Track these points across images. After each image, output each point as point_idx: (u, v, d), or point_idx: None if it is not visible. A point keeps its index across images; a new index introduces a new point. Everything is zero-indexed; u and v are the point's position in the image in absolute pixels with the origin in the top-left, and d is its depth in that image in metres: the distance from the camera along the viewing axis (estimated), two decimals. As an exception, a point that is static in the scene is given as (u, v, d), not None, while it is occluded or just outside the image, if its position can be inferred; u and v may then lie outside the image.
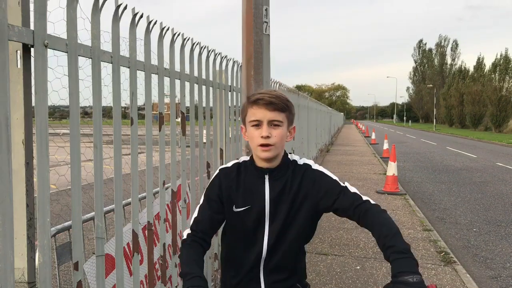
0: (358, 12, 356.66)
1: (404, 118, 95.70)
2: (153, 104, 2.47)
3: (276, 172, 1.66)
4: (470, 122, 57.13)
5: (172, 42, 2.66)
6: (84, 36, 1.81)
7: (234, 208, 1.67)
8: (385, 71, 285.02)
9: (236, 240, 1.72)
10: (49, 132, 1.61)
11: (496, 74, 52.49)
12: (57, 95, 1.74)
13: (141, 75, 2.31)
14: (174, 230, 2.82)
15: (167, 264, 2.73)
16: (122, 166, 2.14)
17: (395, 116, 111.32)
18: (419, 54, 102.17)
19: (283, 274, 1.70)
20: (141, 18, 2.21)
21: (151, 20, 2.32)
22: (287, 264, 1.70)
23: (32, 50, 1.53)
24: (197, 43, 3.03)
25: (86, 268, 1.99)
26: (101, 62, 1.93)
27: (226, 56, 3.70)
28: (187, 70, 2.93)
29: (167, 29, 2.56)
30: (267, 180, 1.66)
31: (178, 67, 2.78)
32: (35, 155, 1.56)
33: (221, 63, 3.61)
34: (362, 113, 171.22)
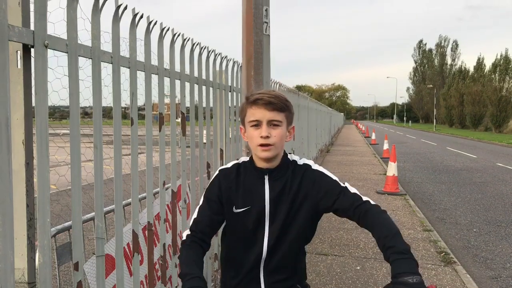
0: (358, 12, 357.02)
1: (404, 119, 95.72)
2: (153, 104, 2.47)
3: (275, 173, 1.66)
4: (470, 123, 57.14)
5: (172, 42, 2.66)
6: (84, 37, 1.81)
7: (234, 209, 1.67)
8: (385, 71, 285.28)
9: (236, 240, 1.72)
10: (49, 133, 1.61)
11: (496, 74, 52.52)
12: (57, 95, 1.74)
13: (141, 75, 2.31)
14: (174, 230, 2.82)
15: (167, 265, 2.73)
16: (122, 166, 2.14)
17: (395, 116, 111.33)
18: (419, 54, 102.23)
19: (283, 274, 1.70)
20: (141, 19, 2.21)
21: (151, 21, 2.32)
22: (287, 264, 1.70)
23: (32, 50, 1.53)
24: (197, 44, 3.03)
25: (86, 268, 1.99)
26: (101, 63, 1.94)
27: (226, 56, 3.70)
28: (187, 70, 2.93)
29: (167, 29, 2.56)
30: (266, 180, 1.66)
31: (178, 68, 2.78)
32: (35, 155, 1.56)
33: (221, 63, 3.61)
34: (362, 113, 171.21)
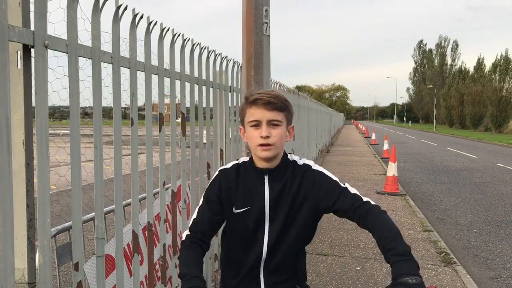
0: (358, 12, 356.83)
1: (404, 119, 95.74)
2: (153, 104, 2.47)
3: (275, 173, 1.66)
4: (470, 123, 57.15)
5: (173, 42, 2.66)
6: (84, 37, 1.81)
7: (234, 209, 1.67)
8: (385, 71, 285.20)
9: (236, 241, 1.71)
10: (49, 133, 1.61)
11: (496, 74, 52.53)
12: (57, 95, 1.74)
13: (141, 75, 2.31)
14: (174, 230, 2.82)
15: (167, 265, 2.73)
16: (122, 166, 2.14)
17: (395, 116, 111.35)
18: (419, 54, 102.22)
19: (283, 275, 1.70)
20: (141, 19, 2.21)
21: (151, 21, 2.32)
22: (287, 265, 1.70)
23: (32, 50, 1.53)
24: (197, 44, 3.03)
25: (86, 268, 1.99)
26: (101, 63, 1.94)
27: (226, 56, 3.70)
28: (187, 70, 2.93)
29: (167, 29, 2.56)
30: (266, 180, 1.66)
31: (178, 68, 2.79)
32: (35, 155, 1.56)
33: (221, 63, 3.61)
34: (362, 113, 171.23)
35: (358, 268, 4.87)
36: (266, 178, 1.66)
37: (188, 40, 2.88)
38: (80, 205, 1.77)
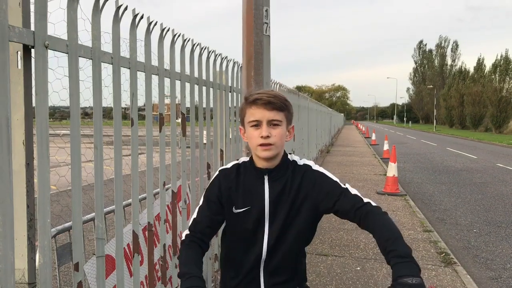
0: (358, 12, 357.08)
1: (404, 119, 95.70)
2: (153, 105, 2.47)
3: (275, 173, 1.66)
4: (470, 123, 57.14)
5: (173, 43, 2.66)
6: (84, 37, 1.81)
7: (234, 209, 1.67)
8: (385, 71, 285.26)
9: (236, 241, 1.71)
10: (49, 133, 1.61)
11: (497, 75, 52.51)
12: (57, 96, 1.74)
13: (141, 76, 2.31)
14: (174, 231, 2.82)
15: (167, 265, 2.73)
16: (122, 167, 2.15)
17: (395, 117, 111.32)
18: (419, 55, 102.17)
19: (283, 276, 1.69)
20: (141, 19, 2.21)
21: (152, 21, 2.33)
22: (287, 265, 1.69)
23: (32, 51, 1.54)
24: (197, 44, 3.03)
25: (87, 269, 1.99)
26: (101, 63, 1.94)
27: (227, 57, 3.70)
28: (188, 71, 2.94)
29: (168, 30, 2.56)
30: (266, 180, 1.65)
31: (178, 68, 2.79)
32: (35, 155, 1.56)
33: (221, 64, 3.61)
34: (362, 114, 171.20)
35: (358, 268, 4.87)
36: (266, 178, 1.65)
37: (188, 40, 2.88)
38: (80, 205, 1.77)
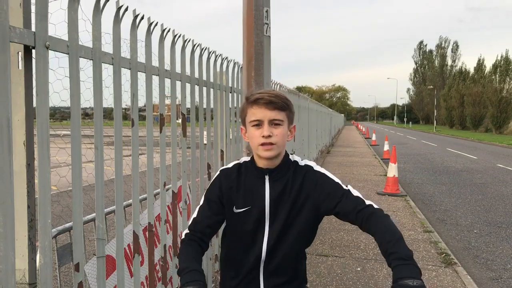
0: (358, 12, 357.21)
1: (405, 120, 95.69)
2: (154, 105, 2.47)
3: (276, 172, 1.65)
4: (470, 124, 57.12)
5: (173, 43, 2.67)
6: (85, 38, 1.81)
7: (234, 209, 1.66)
8: (385, 72, 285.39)
9: (236, 241, 1.71)
10: (50, 134, 1.61)
11: (497, 75, 52.51)
12: (58, 96, 1.74)
13: (142, 76, 2.31)
14: (174, 231, 2.82)
15: (167, 265, 2.73)
16: (123, 167, 2.15)
17: (395, 117, 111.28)
18: (419, 55, 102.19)
19: (283, 277, 1.68)
20: (142, 20, 2.21)
21: (152, 22, 2.33)
22: (287, 266, 1.69)
23: (33, 51, 1.54)
24: (198, 45, 3.03)
25: (87, 269, 1.99)
26: (102, 64, 1.94)
27: (227, 57, 3.70)
28: (188, 71, 2.94)
29: (168, 30, 2.56)
30: (267, 180, 1.65)
31: (179, 69, 2.79)
32: (36, 156, 1.56)
33: (221, 64, 3.61)
34: (363, 114, 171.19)
35: (359, 269, 4.87)
36: (267, 178, 1.65)
37: (189, 41, 2.89)
38: (80, 205, 1.77)
